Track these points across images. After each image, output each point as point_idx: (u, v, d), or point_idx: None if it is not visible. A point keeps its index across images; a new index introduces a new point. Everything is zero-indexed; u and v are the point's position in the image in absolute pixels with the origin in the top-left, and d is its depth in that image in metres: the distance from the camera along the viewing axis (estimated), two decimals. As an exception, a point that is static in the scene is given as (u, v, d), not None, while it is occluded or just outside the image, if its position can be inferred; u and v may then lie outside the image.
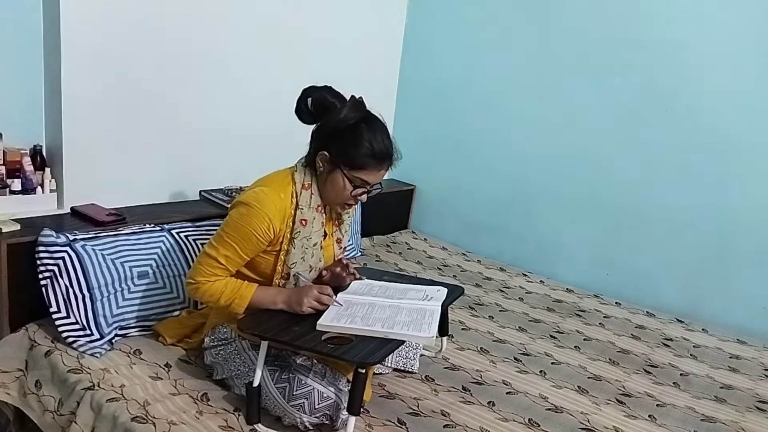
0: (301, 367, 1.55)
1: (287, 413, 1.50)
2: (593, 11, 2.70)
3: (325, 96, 1.62)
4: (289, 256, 1.63)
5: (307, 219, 1.63)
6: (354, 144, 1.57)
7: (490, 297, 2.58)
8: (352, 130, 1.58)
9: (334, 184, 1.61)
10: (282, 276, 1.65)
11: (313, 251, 1.66)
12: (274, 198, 1.59)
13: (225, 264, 1.58)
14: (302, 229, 1.62)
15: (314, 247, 1.66)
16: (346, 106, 1.60)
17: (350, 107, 1.60)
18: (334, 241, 1.77)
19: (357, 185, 1.61)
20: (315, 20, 2.76)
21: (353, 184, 1.60)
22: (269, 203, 1.57)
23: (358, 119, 1.59)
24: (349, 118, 1.58)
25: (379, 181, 1.66)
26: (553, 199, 2.91)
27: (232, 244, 1.56)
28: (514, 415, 1.71)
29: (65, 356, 1.72)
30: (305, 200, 1.63)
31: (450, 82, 3.17)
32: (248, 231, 1.55)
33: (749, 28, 2.37)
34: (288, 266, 1.63)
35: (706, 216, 2.54)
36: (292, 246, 1.62)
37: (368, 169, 1.59)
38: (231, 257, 1.58)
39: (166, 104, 2.31)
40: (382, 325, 1.51)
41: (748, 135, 2.41)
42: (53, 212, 2.08)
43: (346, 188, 1.61)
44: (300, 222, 1.62)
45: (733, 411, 1.88)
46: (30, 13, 1.99)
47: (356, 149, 1.57)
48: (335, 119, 1.58)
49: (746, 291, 2.48)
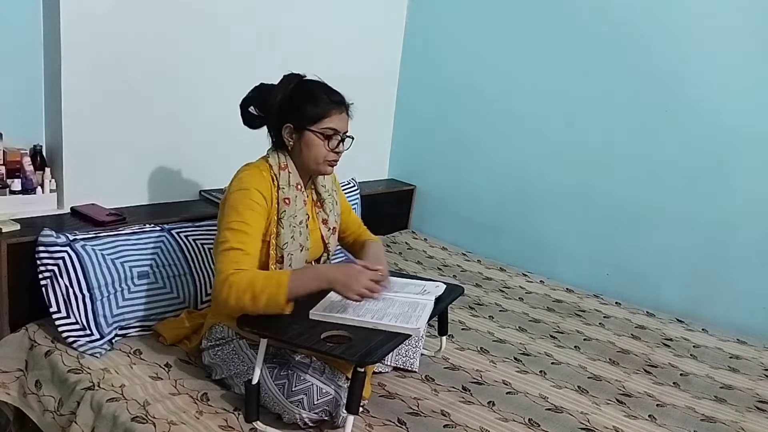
0: (300, 363, 1.55)
1: (286, 410, 1.50)
2: (594, 11, 2.70)
3: (262, 93, 1.71)
4: (280, 238, 1.64)
5: (290, 197, 1.66)
6: (307, 101, 1.63)
7: (490, 297, 2.58)
8: (299, 91, 1.65)
9: (309, 145, 1.65)
10: (276, 260, 1.66)
11: (300, 229, 1.68)
12: (258, 176, 1.64)
13: (243, 248, 1.53)
14: (287, 208, 1.65)
15: (300, 225, 1.68)
16: (281, 81, 1.67)
17: (283, 80, 1.68)
18: (319, 222, 1.78)
19: (329, 135, 1.64)
20: (315, 20, 2.76)
21: (325, 136, 1.64)
22: (255, 181, 1.62)
23: (297, 82, 1.67)
24: (291, 85, 1.66)
25: (347, 128, 1.69)
26: (553, 199, 2.91)
27: (239, 227, 1.56)
28: (514, 415, 1.71)
29: (65, 356, 1.72)
30: (285, 180, 1.66)
31: (450, 82, 3.17)
32: (247, 202, 1.57)
33: (750, 28, 2.37)
34: (280, 248, 1.64)
35: (706, 216, 2.54)
36: (281, 226, 1.64)
37: (332, 115, 1.64)
38: (244, 240, 1.55)
39: (166, 104, 2.31)
40: (372, 317, 1.52)
41: (749, 135, 2.41)
42: (53, 212, 2.08)
43: (322, 144, 1.64)
44: (284, 201, 1.65)
45: (733, 411, 1.88)
46: (30, 13, 2.00)
47: (312, 103, 1.63)
48: (278, 97, 1.65)
49: (746, 291, 2.48)
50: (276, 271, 1.58)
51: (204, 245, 2.09)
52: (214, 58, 2.42)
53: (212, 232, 2.15)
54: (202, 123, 2.45)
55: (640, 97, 2.63)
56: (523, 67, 2.93)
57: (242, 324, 1.52)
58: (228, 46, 2.45)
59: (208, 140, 2.49)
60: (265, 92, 1.70)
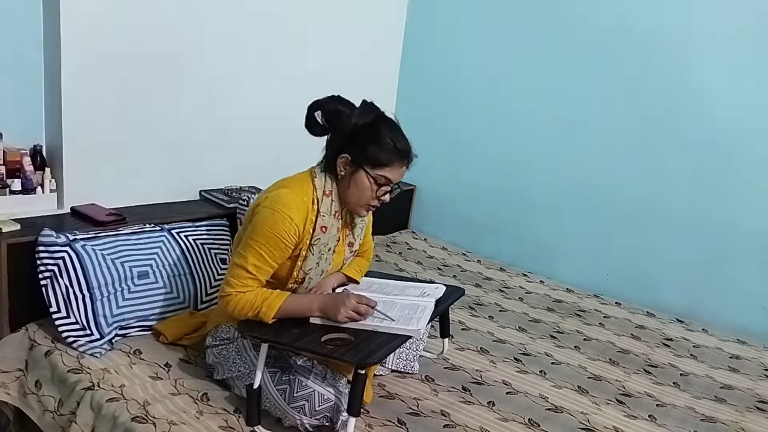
0: (302, 368, 1.55)
1: (288, 415, 1.51)
2: (593, 11, 2.70)
3: (335, 104, 1.62)
4: (306, 262, 1.61)
5: (327, 226, 1.62)
6: (375, 142, 1.57)
7: (490, 297, 2.58)
8: (371, 128, 1.58)
9: (358, 185, 1.60)
10: (296, 281, 1.64)
11: (327, 256, 1.66)
12: (297, 201, 1.57)
13: (255, 273, 1.54)
14: (322, 236, 1.61)
15: (329, 252, 1.66)
16: (360, 107, 1.61)
17: (363, 108, 1.61)
18: (345, 245, 1.76)
19: (381, 184, 1.60)
20: (315, 20, 2.76)
21: (377, 183, 1.59)
22: (292, 206, 1.55)
23: (374, 118, 1.60)
24: (366, 118, 1.59)
25: (401, 179, 1.66)
26: (553, 199, 2.91)
27: (260, 251, 1.53)
28: (514, 415, 1.71)
29: (65, 356, 1.72)
30: (326, 207, 1.61)
31: (450, 81, 3.17)
32: (275, 237, 1.52)
33: (749, 28, 2.37)
34: (304, 271, 1.62)
35: (706, 216, 2.54)
36: (311, 252, 1.61)
37: (392, 166, 1.59)
38: (260, 266, 1.54)
39: (165, 104, 2.31)
40: (372, 320, 1.52)
41: (749, 135, 2.41)
42: (53, 212, 2.08)
43: (371, 188, 1.60)
44: (320, 229, 1.60)
45: (733, 411, 1.88)
46: (30, 13, 1.99)
47: (379, 147, 1.57)
48: (351, 121, 1.59)
49: (746, 291, 2.48)
50: (274, 294, 1.55)
51: (204, 245, 2.09)
52: (214, 58, 2.42)
53: (212, 232, 2.16)
54: (203, 123, 2.45)
55: (640, 97, 2.63)
56: (523, 67, 2.93)
57: (243, 329, 1.53)
58: (228, 47, 2.45)
59: (209, 140, 2.49)
60: (340, 107, 1.61)
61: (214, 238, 2.14)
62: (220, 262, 2.12)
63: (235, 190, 2.51)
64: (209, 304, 2.03)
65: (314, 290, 1.66)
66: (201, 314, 1.95)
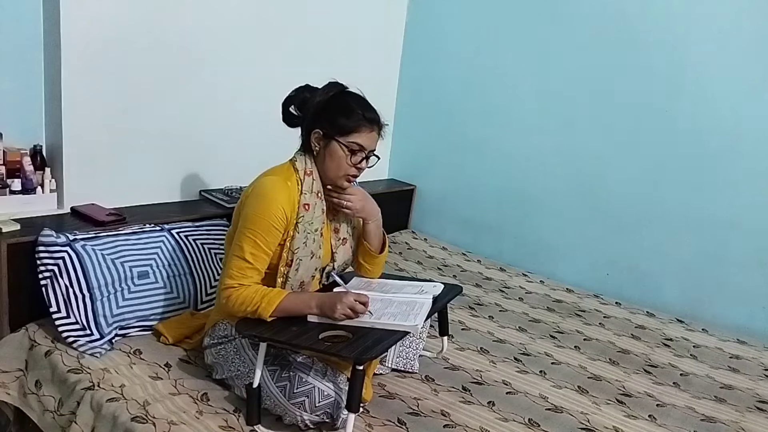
0: (302, 365, 1.56)
1: (288, 411, 1.51)
2: (593, 12, 2.70)
3: (303, 93, 1.71)
4: (293, 242, 1.64)
5: (310, 204, 1.66)
6: (341, 112, 1.64)
7: (490, 297, 2.58)
8: (337, 100, 1.66)
9: (333, 156, 1.65)
10: (286, 263, 1.65)
11: (314, 237, 1.68)
12: (282, 185, 1.62)
13: (252, 262, 1.58)
14: (305, 214, 1.65)
15: (315, 232, 1.68)
16: (324, 86, 1.68)
17: (327, 86, 1.68)
18: (331, 230, 1.78)
19: (354, 150, 1.64)
20: (315, 20, 2.76)
21: (350, 150, 1.64)
22: (279, 190, 1.61)
23: (338, 91, 1.68)
24: (331, 93, 1.66)
25: (374, 147, 1.69)
26: (553, 199, 2.91)
27: (254, 239, 1.57)
28: (514, 415, 1.71)
29: (65, 356, 1.72)
30: (308, 185, 1.66)
31: (450, 82, 3.17)
32: (265, 222, 1.58)
33: (749, 28, 2.37)
34: (292, 251, 1.64)
35: (706, 216, 2.54)
36: (296, 231, 1.64)
37: (361, 131, 1.64)
38: (256, 254, 1.58)
39: (165, 104, 2.31)
40: (369, 317, 1.53)
41: (748, 135, 2.41)
42: (53, 212, 2.08)
43: (345, 157, 1.64)
44: (303, 206, 1.64)
45: (733, 411, 1.88)
46: (30, 13, 1.99)
47: (346, 115, 1.64)
48: (318, 99, 1.66)
49: (746, 291, 2.48)
50: (274, 292, 1.57)
51: (204, 245, 2.09)
52: (214, 58, 2.42)
53: (212, 232, 2.16)
54: (203, 123, 2.45)
55: (640, 97, 2.63)
56: (523, 67, 2.93)
57: (241, 329, 1.54)
58: (228, 47, 2.45)
59: (209, 140, 2.49)
60: (307, 93, 1.70)
61: (214, 238, 2.14)
62: (220, 262, 2.12)
63: (235, 190, 2.51)
64: (209, 304, 2.03)
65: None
66: (202, 315, 1.95)
